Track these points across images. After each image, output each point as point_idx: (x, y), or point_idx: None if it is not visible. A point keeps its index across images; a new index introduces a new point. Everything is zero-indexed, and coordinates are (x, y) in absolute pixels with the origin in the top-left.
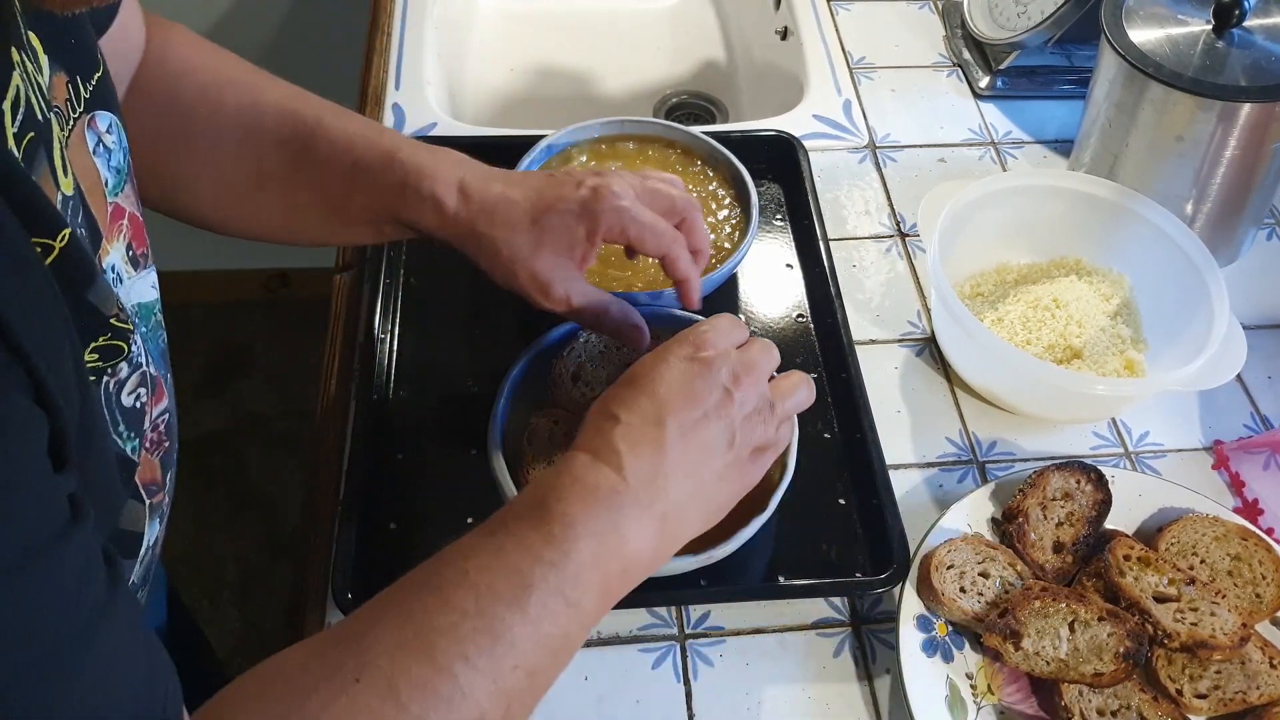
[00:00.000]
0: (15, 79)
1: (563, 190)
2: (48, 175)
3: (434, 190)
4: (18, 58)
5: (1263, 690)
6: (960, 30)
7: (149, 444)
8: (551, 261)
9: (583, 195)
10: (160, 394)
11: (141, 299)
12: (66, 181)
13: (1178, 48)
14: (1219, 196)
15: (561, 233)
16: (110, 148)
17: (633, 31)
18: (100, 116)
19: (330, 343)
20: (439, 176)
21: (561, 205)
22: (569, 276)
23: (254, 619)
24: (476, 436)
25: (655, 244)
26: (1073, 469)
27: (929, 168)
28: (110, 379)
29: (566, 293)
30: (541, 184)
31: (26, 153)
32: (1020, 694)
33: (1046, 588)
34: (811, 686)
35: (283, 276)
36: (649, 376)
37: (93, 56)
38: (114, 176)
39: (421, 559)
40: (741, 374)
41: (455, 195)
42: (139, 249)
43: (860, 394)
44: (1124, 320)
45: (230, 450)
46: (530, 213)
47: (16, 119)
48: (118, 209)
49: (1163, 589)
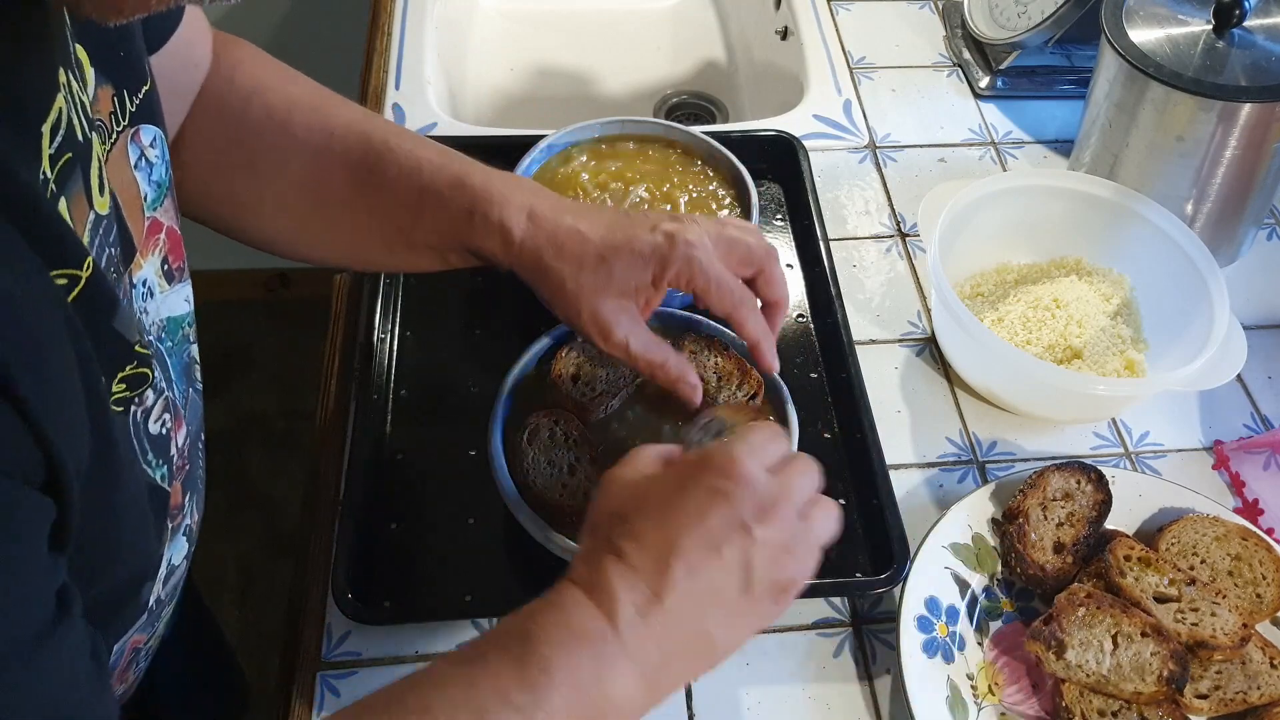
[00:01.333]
0: (59, 101)
1: (636, 231)
2: (82, 197)
3: (503, 216)
4: (64, 79)
5: (1263, 690)
6: (960, 30)
7: (175, 470)
8: (616, 305)
9: (656, 240)
10: (179, 419)
11: (173, 312)
12: (102, 201)
13: (1178, 48)
14: (1219, 196)
15: (629, 275)
16: (153, 161)
17: (633, 31)
18: (145, 130)
19: (330, 343)
20: (509, 203)
21: (633, 246)
22: (631, 321)
23: (254, 619)
24: (476, 436)
25: (720, 301)
26: (1073, 469)
27: (929, 168)
28: (138, 408)
29: (626, 338)
30: (614, 221)
31: (61, 174)
32: (1021, 694)
33: (1091, 594)
34: (811, 686)
35: (283, 276)
36: (664, 504)
37: (141, 70)
38: (154, 190)
39: (421, 559)
40: (770, 506)
41: (524, 223)
42: (175, 263)
43: (860, 394)
44: (1124, 320)
45: (230, 450)
46: (600, 250)
47: (55, 141)
48: (155, 223)
49: (1163, 589)
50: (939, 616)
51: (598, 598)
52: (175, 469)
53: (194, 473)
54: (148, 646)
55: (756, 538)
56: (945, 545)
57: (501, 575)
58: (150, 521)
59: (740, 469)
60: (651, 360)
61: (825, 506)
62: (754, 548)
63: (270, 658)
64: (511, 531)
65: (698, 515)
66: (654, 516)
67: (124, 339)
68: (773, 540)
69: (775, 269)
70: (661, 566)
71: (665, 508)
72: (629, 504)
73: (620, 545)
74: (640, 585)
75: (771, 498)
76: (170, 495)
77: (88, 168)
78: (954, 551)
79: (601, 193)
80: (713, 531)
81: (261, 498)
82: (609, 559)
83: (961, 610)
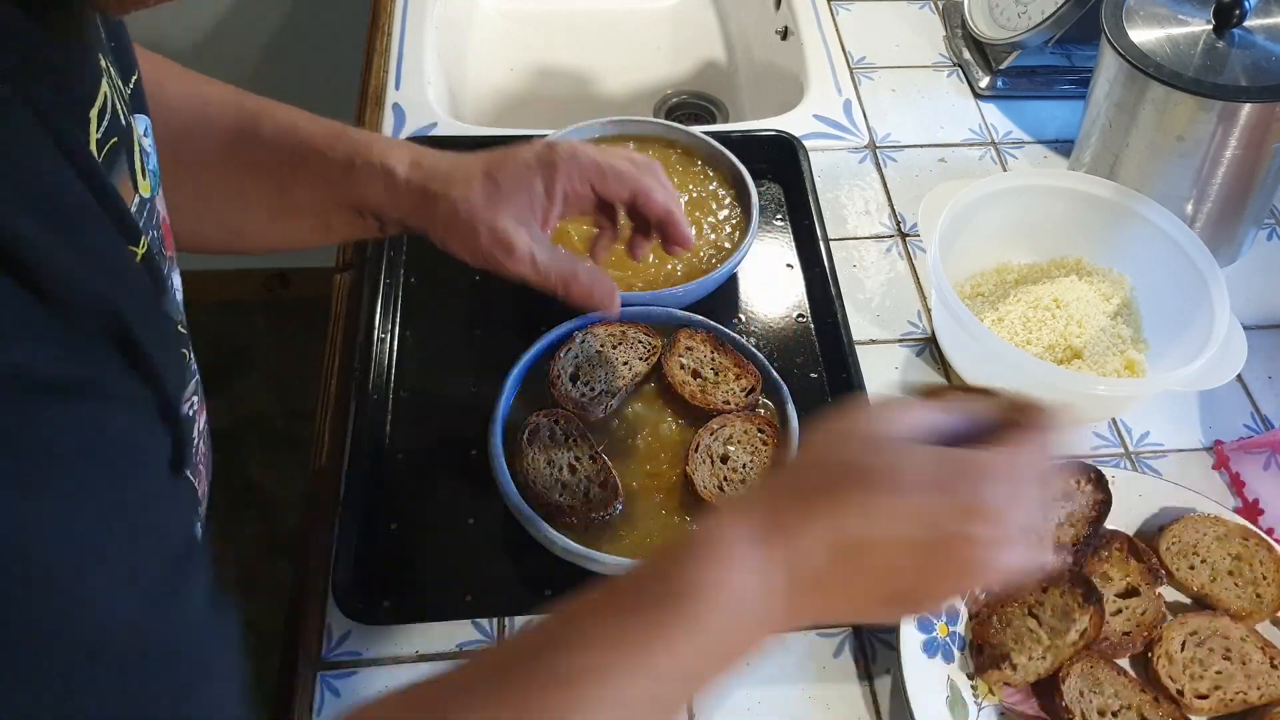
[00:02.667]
0: (104, 86)
1: (516, 149)
2: (127, 180)
3: (385, 160)
4: (105, 64)
5: (1263, 690)
6: (960, 30)
7: (200, 456)
8: (513, 219)
9: (537, 149)
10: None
11: None
12: (144, 184)
13: (1178, 48)
14: (1219, 196)
15: (520, 188)
16: (148, 151)
17: (633, 31)
18: (138, 119)
19: (330, 343)
20: (390, 149)
21: (516, 157)
22: (534, 235)
23: (254, 619)
24: (476, 436)
25: (620, 184)
26: (1073, 469)
27: (929, 168)
28: None
29: (531, 251)
30: (493, 151)
31: (108, 159)
32: (1021, 694)
33: (987, 602)
34: (812, 686)
35: (283, 276)
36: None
37: (131, 59)
38: (151, 179)
39: (421, 559)
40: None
41: (407, 163)
42: (169, 252)
43: (861, 394)
44: (1124, 320)
45: (230, 450)
46: (484, 169)
47: (102, 125)
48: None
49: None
50: (939, 616)
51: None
52: (195, 452)
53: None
54: None
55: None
56: None
57: (501, 575)
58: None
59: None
60: (561, 272)
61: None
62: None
63: (270, 658)
64: (511, 531)
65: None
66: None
67: (172, 320)
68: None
69: (658, 172)
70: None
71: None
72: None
73: (845, 522)
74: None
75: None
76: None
77: (131, 152)
78: None
79: None
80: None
81: (261, 498)
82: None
83: (961, 610)
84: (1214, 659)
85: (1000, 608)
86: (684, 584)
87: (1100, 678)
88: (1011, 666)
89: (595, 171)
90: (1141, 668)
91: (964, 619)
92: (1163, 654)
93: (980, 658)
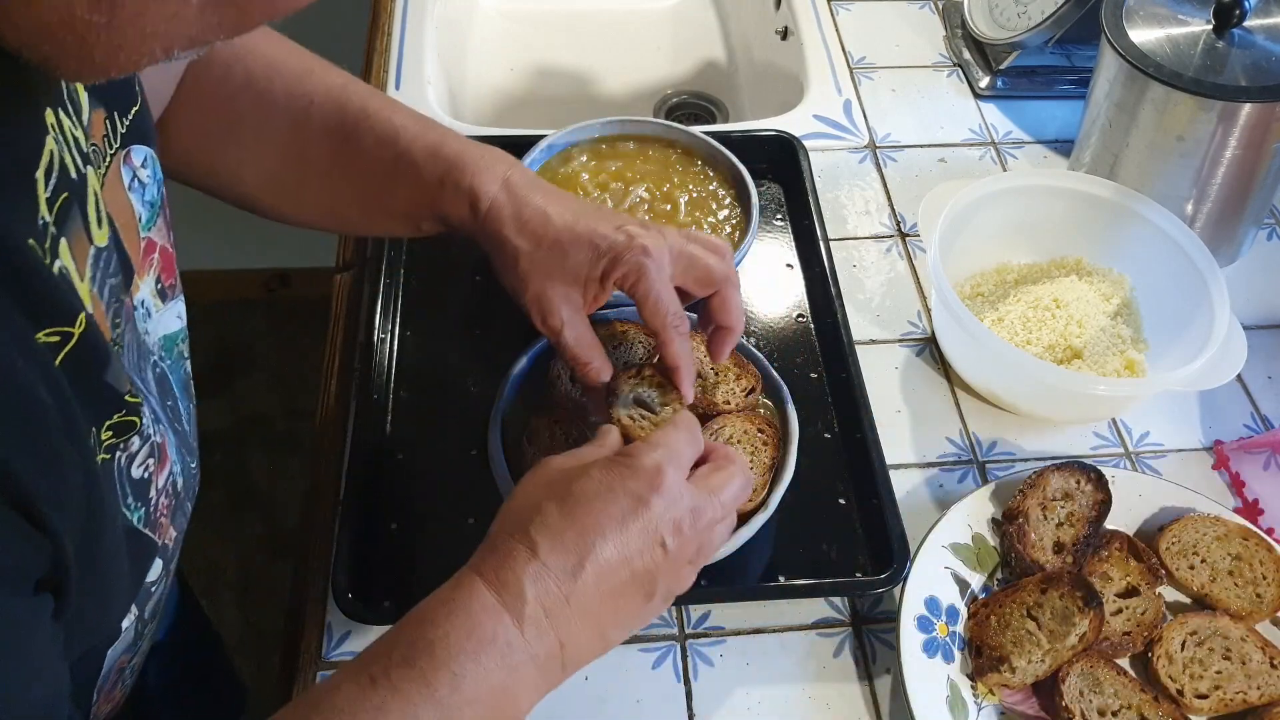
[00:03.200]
0: (49, 144)
1: (599, 225)
2: (81, 234)
3: (474, 184)
4: (53, 119)
5: (1263, 690)
6: (960, 30)
7: (163, 511)
8: (562, 291)
9: (616, 238)
10: (165, 460)
11: (167, 330)
12: (100, 233)
13: (1178, 48)
14: (1219, 196)
15: (580, 265)
16: (145, 182)
17: (633, 31)
18: (136, 151)
19: (330, 343)
20: (482, 171)
21: (592, 239)
22: (573, 311)
23: (254, 619)
24: (476, 436)
25: (652, 316)
26: (1073, 469)
27: (929, 168)
28: (122, 454)
29: (562, 324)
30: (581, 210)
31: (59, 215)
32: (1021, 694)
33: (986, 603)
34: (811, 686)
35: (283, 276)
36: (586, 506)
37: (131, 90)
38: (147, 211)
39: (421, 559)
40: (684, 521)
41: (495, 191)
42: (168, 280)
43: (860, 394)
44: (1124, 320)
45: (230, 450)
46: (559, 235)
47: (49, 184)
48: (149, 243)
49: None
50: (939, 616)
51: (506, 597)
52: (154, 510)
53: (180, 503)
54: (133, 664)
55: (670, 553)
56: (945, 545)
57: None
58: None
59: (664, 481)
60: (578, 356)
61: (726, 523)
62: (665, 561)
63: (270, 658)
64: None
65: (618, 523)
66: (575, 516)
67: (114, 389)
68: (680, 555)
69: (732, 294)
70: (575, 569)
71: (588, 509)
72: (552, 497)
73: (535, 539)
74: (550, 586)
75: (687, 511)
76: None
77: (84, 203)
78: (954, 551)
79: (602, 193)
80: (629, 541)
81: (261, 498)
82: (522, 551)
83: (962, 610)
84: (1214, 659)
85: (999, 608)
86: (421, 634)
87: (1100, 677)
88: (1010, 669)
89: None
90: (1141, 668)
91: (964, 619)
92: (1163, 654)
93: (979, 660)
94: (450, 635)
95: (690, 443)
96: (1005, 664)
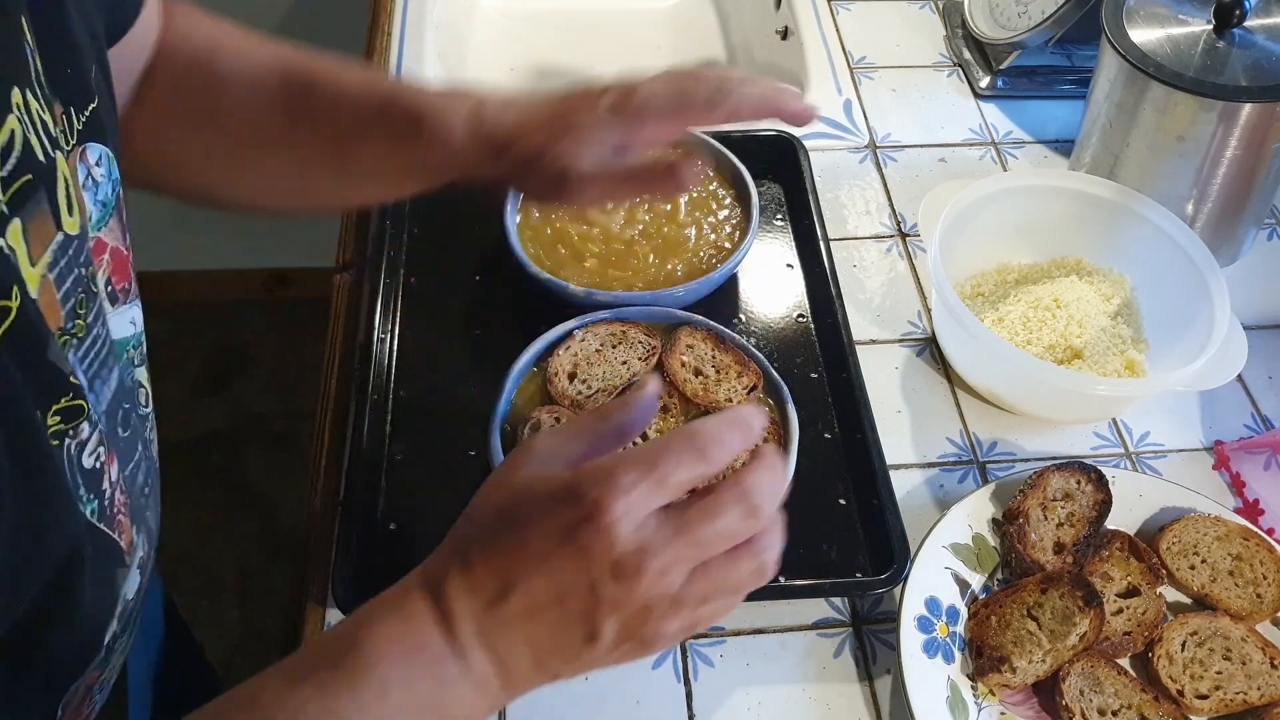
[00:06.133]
0: (10, 122)
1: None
2: (46, 219)
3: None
4: (19, 99)
5: (1263, 691)
6: (961, 30)
7: (120, 508)
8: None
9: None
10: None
11: (117, 335)
12: (71, 221)
13: (1178, 48)
14: (1220, 196)
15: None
16: (98, 181)
17: (633, 31)
18: (91, 149)
19: (330, 343)
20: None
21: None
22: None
23: (253, 619)
24: (476, 436)
25: (679, 102)
26: (1073, 469)
27: (929, 168)
28: (72, 441)
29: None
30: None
31: (17, 196)
32: (1021, 694)
33: (986, 603)
34: (811, 687)
35: (283, 276)
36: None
37: (88, 86)
38: (99, 210)
39: (421, 559)
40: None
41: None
42: (119, 284)
43: (860, 394)
44: (1125, 320)
45: (229, 450)
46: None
47: (7, 164)
48: (99, 243)
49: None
50: (939, 616)
51: (441, 608)
52: (109, 504)
53: (140, 506)
54: (103, 679)
55: (604, 598)
56: (945, 545)
57: None
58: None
59: (606, 517)
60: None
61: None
62: (600, 607)
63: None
64: None
65: (545, 560)
66: (508, 540)
67: (59, 370)
68: (626, 601)
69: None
70: (500, 597)
71: (522, 534)
72: (500, 513)
73: (471, 555)
74: (480, 605)
75: (636, 553)
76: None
77: (53, 188)
78: (954, 551)
79: None
80: (558, 581)
81: (261, 498)
82: (457, 566)
83: (962, 610)
84: (1214, 659)
85: (999, 609)
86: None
87: (1100, 677)
88: (1011, 669)
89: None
90: (1142, 667)
91: (964, 619)
92: (1163, 654)
93: (979, 660)
94: (382, 639)
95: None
96: (1006, 664)
